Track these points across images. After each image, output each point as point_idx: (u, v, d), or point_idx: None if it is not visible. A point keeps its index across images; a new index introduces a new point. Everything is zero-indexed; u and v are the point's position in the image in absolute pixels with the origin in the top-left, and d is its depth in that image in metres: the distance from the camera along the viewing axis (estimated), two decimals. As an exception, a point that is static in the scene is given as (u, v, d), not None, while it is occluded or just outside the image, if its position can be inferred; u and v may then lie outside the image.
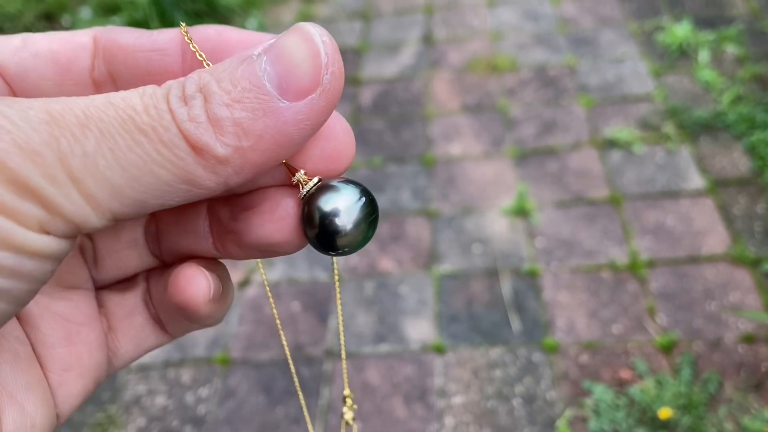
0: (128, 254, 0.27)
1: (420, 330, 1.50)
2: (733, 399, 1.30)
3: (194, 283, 0.24)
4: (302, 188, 0.22)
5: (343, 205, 0.22)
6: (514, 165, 1.84)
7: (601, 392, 1.33)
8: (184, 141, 0.18)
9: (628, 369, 1.38)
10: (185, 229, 0.26)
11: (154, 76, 0.23)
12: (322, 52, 0.19)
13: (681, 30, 2.15)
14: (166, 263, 0.27)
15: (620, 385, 1.35)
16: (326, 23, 2.42)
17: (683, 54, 2.11)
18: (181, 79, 0.19)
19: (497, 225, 1.69)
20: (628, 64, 2.11)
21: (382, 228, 1.72)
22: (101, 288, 0.27)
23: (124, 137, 0.18)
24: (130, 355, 0.27)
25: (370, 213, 0.22)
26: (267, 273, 1.66)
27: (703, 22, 2.21)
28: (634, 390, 1.33)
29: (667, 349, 1.39)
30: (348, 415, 0.32)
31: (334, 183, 0.22)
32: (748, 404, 1.29)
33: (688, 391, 1.31)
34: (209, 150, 0.18)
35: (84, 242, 0.26)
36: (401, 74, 2.22)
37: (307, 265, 1.66)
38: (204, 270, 0.24)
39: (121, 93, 0.19)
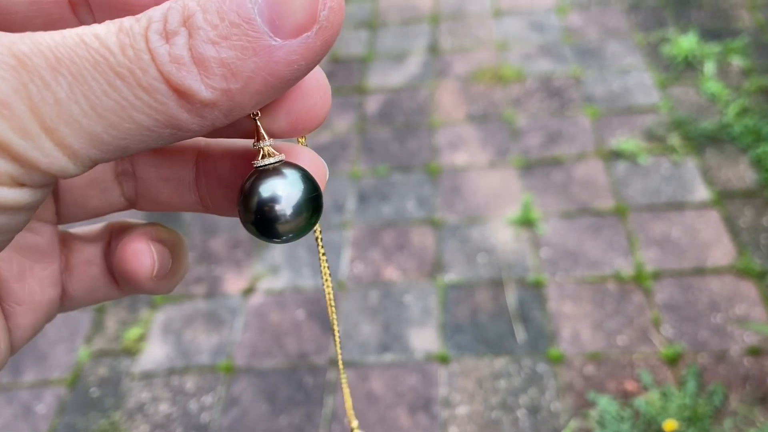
0: (89, 193, 0.25)
1: (424, 340, 1.49)
2: (739, 412, 1.30)
3: (139, 258, 0.23)
4: (260, 159, 0.21)
5: (283, 191, 0.20)
6: (520, 175, 1.84)
7: (605, 404, 1.33)
8: (165, 84, 0.17)
9: (633, 380, 1.37)
10: (167, 177, 0.24)
11: (128, 6, 0.21)
12: None
13: (687, 42, 2.15)
14: (136, 208, 0.26)
15: (625, 397, 1.35)
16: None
17: (689, 66, 2.11)
18: (164, 6, 0.17)
19: (502, 235, 1.69)
20: (633, 75, 2.11)
21: (387, 237, 1.73)
22: (69, 226, 0.26)
23: (99, 81, 0.16)
24: (82, 300, 0.26)
25: (311, 200, 0.21)
26: (271, 281, 1.66)
27: (709, 34, 2.21)
28: (639, 402, 1.32)
29: (673, 361, 1.39)
30: None
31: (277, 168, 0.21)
32: (754, 417, 1.29)
33: (693, 404, 1.31)
34: (194, 94, 0.17)
35: None
36: (407, 83, 2.23)
37: (311, 273, 1.66)
38: (152, 246, 0.23)
39: (96, 27, 0.17)
